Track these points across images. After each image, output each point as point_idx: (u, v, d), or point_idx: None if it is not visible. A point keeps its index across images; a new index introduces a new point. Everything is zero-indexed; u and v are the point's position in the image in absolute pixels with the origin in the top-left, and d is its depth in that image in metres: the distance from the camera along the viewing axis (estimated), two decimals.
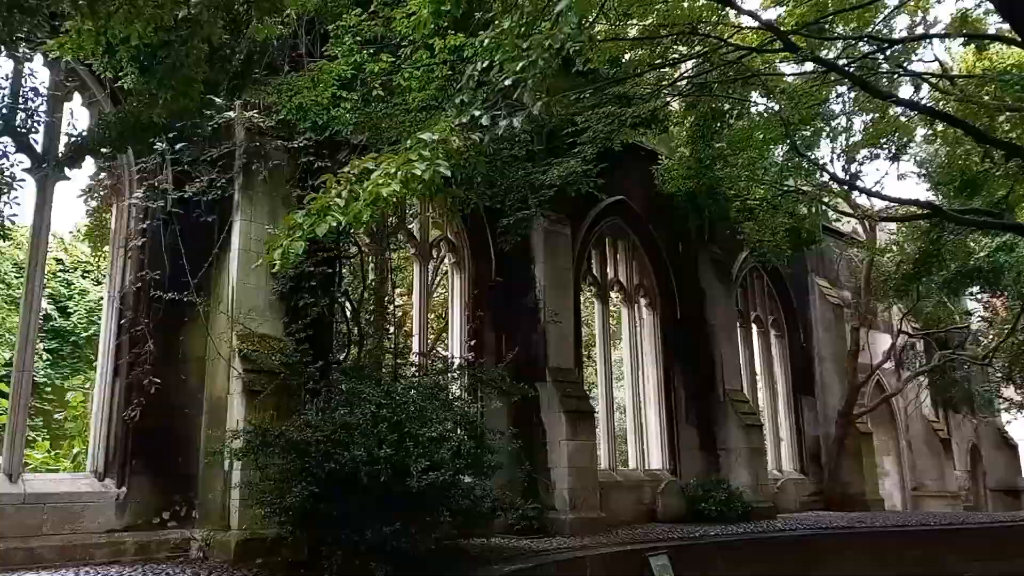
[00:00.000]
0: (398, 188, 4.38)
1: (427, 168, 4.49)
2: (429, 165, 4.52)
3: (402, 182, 4.43)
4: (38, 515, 7.76)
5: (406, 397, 7.47)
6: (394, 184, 4.36)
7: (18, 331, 8.29)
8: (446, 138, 4.67)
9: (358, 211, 4.37)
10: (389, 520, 6.86)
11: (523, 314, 11.93)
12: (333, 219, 4.39)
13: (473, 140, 4.94)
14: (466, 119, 5.08)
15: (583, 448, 11.44)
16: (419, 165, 4.48)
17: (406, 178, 4.42)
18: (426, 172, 4.47)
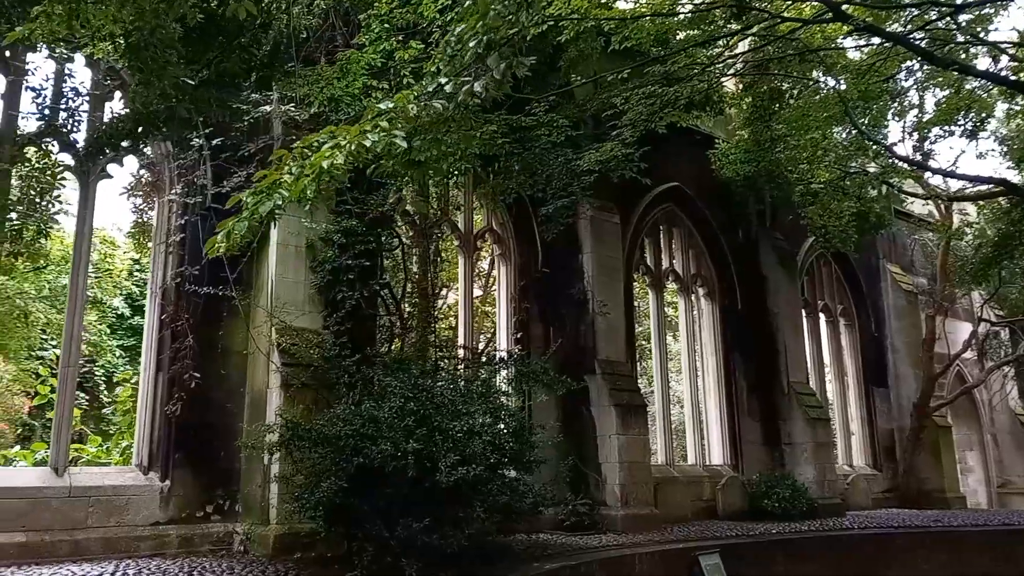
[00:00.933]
0: (342, 161, 4.16)
1: (381, 139, 4.26)
2: (385, 135, 4.30)
3: (351, 154, 4.21)
4: (83, 508, 7.89)
5: (436, 390, 7.28)
6: (339, 156, 4.15)
7: (64, 328, 8.46)
8: (404, 107, 4.44)
9: (302, 188, 4.17)
10: (419, 515, 6.70)
11: (571, 305, 11.66)
12: (279, 197, 4.21)
13: (436, 108, 4.69)
14: (433, 87, 4.85)
15: (634, 442, 11.10)
16: (372, 135, 4.27)
17: (355, 150, 4.20)
18: (379, 143, 4.24)
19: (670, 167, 13.64)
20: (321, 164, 4.09)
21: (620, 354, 11.69)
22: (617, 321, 11.75)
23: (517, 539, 8.90)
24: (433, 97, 4.70)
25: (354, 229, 8.87)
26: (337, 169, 4.13)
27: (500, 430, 7.98)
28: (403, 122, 4.46)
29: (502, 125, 8.76)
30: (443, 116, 4.90)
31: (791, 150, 12.64)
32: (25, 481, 7.84)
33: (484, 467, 7.10)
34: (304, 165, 4.14)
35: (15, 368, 18.72)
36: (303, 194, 4.14)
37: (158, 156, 9.04)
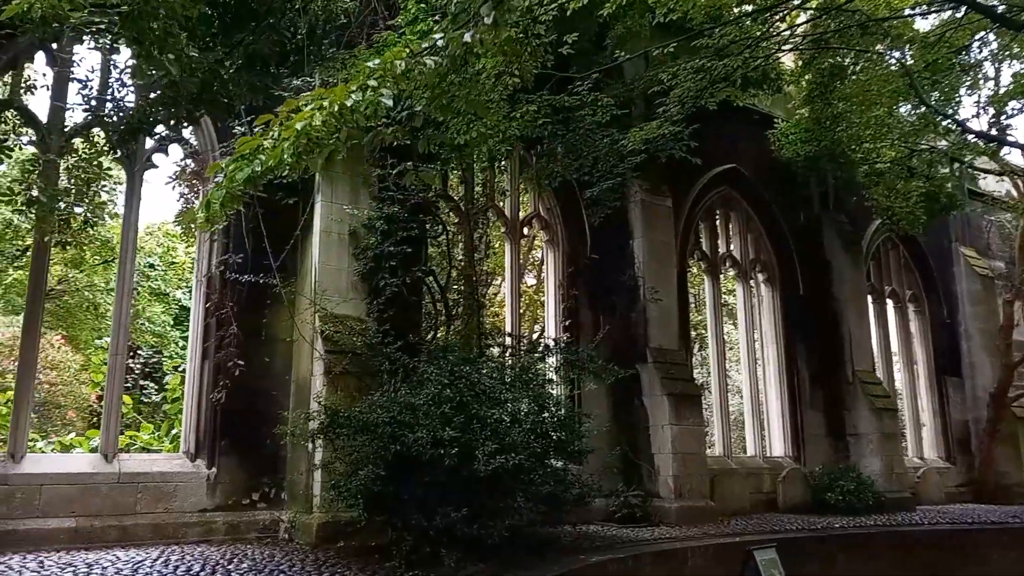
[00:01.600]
0: (320, 123, 3.95)
1: (366, 98, 4.04)
2: (372, 94, 4.09)
3: (333, 115, 3.99)
4: (132, 494, 7.99)
5: (473, 377, 7.11)
6: (317, 118, 3.94)
7: (112, 316, 8.57)
8: (391, 64, 4.21)
9: (280, 152, 3.98)
10: (458, 505, 6.55)
11: (621, 292, 11.36)
12: (259, 163, 4.04)
13: (427, 65, 4.46)
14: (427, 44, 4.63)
15: (688, 433, 10.75)
16: (355, 95, 4.05)
17: (337, 111, 3.99)
18: (362, 103, 4.03)
19: (727, 148, 13.20)
20: (295, 126, 3.91)
21: (673, 342, 11.33)
22: (670, 308, 11.40)
23: (564, 531, 8.66)
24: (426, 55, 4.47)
25: (396, 215, 8.75)
26: (315, 131, 3.94)
27: (544, 418, 7.78)
28: (391, 81, 4.26)
29: (544, 106, 8.52)
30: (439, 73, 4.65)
31: (854, 128, 12.04)
32: (76, 467, 7.97)
33: (525, 456, 6.91)
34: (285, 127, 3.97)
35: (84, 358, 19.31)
36: (281, 158, 3.98)
37: (202, 144, 9.08)
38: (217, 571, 6.26)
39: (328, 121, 3.96)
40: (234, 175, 3.95)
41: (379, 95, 4.05)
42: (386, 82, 4.12)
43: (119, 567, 6.33)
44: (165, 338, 20.75)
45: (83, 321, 20.53)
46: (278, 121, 3.99)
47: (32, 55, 8.22)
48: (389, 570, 6.44)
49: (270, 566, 6.53)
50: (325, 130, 3.99)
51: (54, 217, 7.83)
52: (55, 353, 15.82)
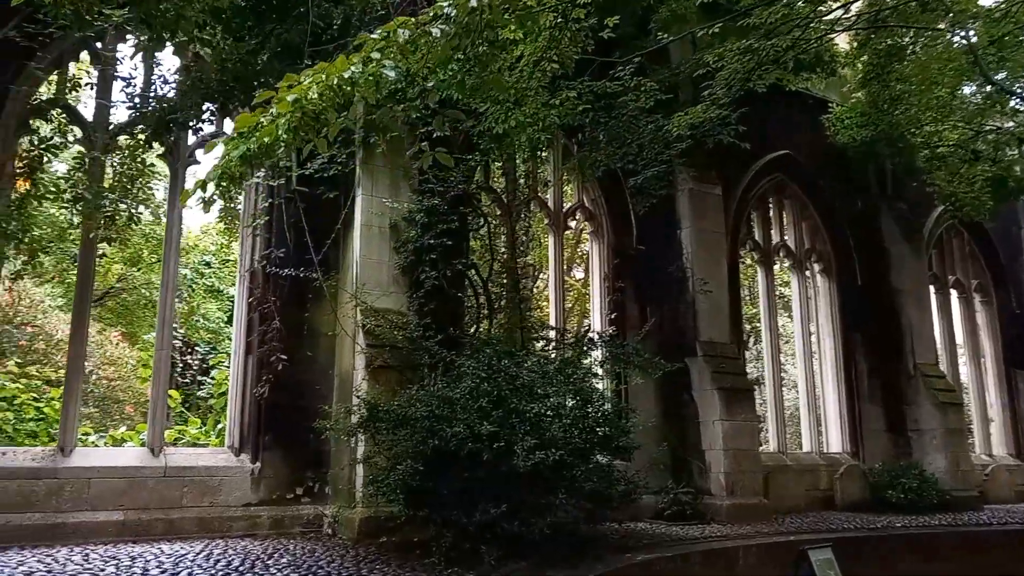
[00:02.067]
0: (316, 96, 3.76)
1: (364, 70, 3.86)
2: (374, 66, 3.90)
3: (330, 88, 3.81)
4: (178, 488, 8.05)
5: (511, 371, 6.94)
6: (314, 90, 3.75)
7: (157, 312, 8.65)
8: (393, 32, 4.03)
9: (274, 129, 3.81)
10: (498, 501, 6.41)
11: (669, 284, 11.08)
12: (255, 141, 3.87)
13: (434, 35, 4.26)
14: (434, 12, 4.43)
15: (740, 428, 10.43)
16: (354, 67, 3.87)
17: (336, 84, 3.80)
18: (360, 75, 3.84)
19: (779, 134, 12.80)
20: (287, 99, 3.75)
21: (724, 335, 11.01)
22: (720, 300, 11.08)
23: (610, 528, 8.49)
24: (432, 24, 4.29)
25: (436, 208, 8.64)
26: (310, 104, 3.77)
27: (588, 413, 7.58)
28: (396, 52, 4.10)
29: (585, 93, 8.31)
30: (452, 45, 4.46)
31: (913, 110, 11.51)
32: (124, 461, 8.07)
33: (566, 451, 6.73)
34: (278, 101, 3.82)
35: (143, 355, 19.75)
36: (275, 135, 3.82)
37: None
38: (256, 566, 6.24)
39: (326, 94, 3.80)
40: (229, 153, 3.82)
41: (381, 67, 3.89)
42: (390, 54, 3.95)
43: (161, 561, 6.35)
44: (220, 334, 21.10)
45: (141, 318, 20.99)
46: (278, 98, 3.85)
47: (77, 54, 8.34)
48: (428, 567, 6.34)
49: (309, 561, 6.48)
50: (323, 104, 3.82)
51: (100, 214, 7.93)
52: (113, 349, 16.16)
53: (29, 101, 8.01)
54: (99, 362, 15.65)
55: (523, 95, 7.69)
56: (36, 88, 8.07)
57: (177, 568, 6.03)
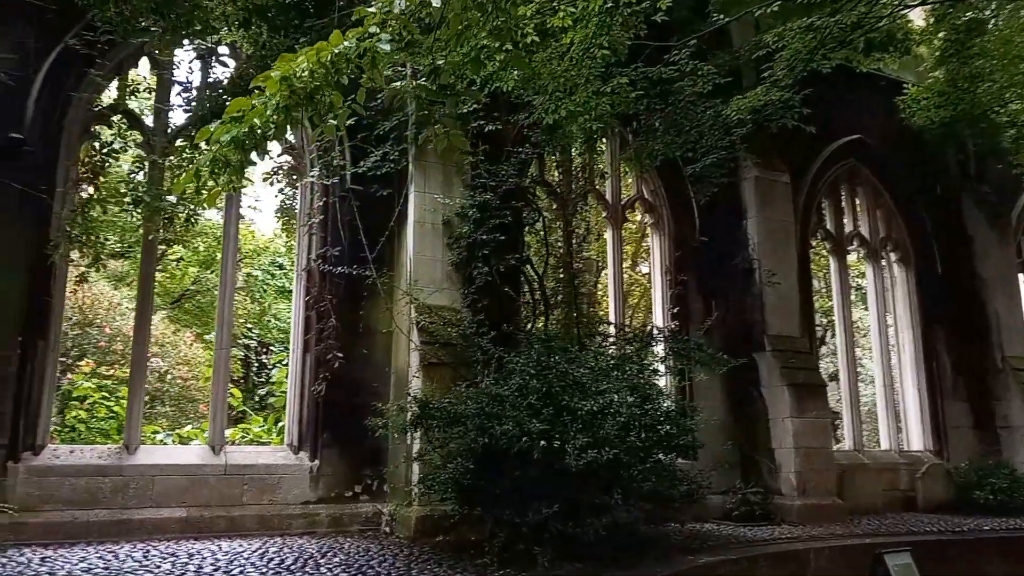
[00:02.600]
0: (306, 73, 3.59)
1: (357, 46, 3.67)
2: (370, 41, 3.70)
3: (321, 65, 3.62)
4: (239, 485, 8.13)
5: (561, 367, 6.75)
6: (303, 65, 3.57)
7: (216, 312, 8.77)
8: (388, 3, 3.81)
9: (261, 110, 3.66)
10: (551, 501, 6.24)
11: (734, 276, 10.70)
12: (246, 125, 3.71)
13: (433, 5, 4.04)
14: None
15: (812, 426, 10.00)
16: (348, 42, 3.68)
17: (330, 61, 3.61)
18: (353, 50, 3.64)
19: (850, 119, 12.25)
20: (274, 76, 3.60)
21: (793, 328, 10.58)
22: (789, 292, 10.64)
23: (673, 529, 8.21)
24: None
25: (488, 203, 8.52)
26: (300, 81, 3.62)
27: (647, 410, 7.33)
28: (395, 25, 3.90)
29: (640, 79, 8.06)
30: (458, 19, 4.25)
31: (996, 87, 10.82)
32: (186, 459, 8.20)
33: (622, 450, 6.50)
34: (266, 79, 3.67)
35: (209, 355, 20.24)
36: (264, 116, 3.68)
37: (298, 139, 9.15)
38: (308, 564, 6.22)
39: (317, 71, 3.66)
40: (218, 138, 3.72)
41: (376, 41, 3.72)
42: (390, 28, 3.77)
43: (217, 558, 6.40)
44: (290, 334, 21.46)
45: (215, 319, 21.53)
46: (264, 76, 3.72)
47: (136, 61, 8.51)
48: (480, 568, 6.21)
49: (361, 560, 6.44)
50: (315, 82, 3.67)
51: (160, 216, 8.07)
52: (187, 350, 16.58)
53: (91, 107, 8.21)
54: (174, 362, 16.07)
55: (573, 83, 7.50)
56: (98, 95, 8.27)
57: (231, 566, 6.06)
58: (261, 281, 21.65)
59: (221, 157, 3.62)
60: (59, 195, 7.86)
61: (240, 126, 3.60)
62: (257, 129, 3.60)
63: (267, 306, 20.99)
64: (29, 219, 7.72)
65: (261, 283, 21.68)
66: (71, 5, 7.42)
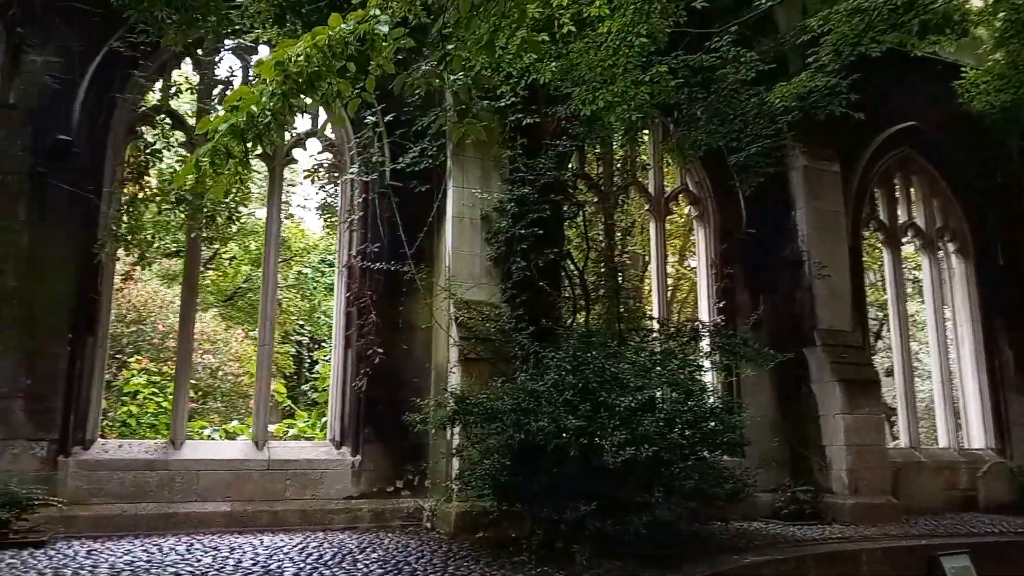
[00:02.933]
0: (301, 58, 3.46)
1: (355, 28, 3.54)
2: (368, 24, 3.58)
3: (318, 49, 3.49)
4: (281, 480, 8.21)
5: (598, 362, 6.62)
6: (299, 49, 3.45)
7: (259, 308, 8.86)
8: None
9: (256, 96, 3.56)
10: (589, 498, 6.14)
11: (783, 269, 10.42)
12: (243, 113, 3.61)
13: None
14: None
15: (864, 423, 9.68)
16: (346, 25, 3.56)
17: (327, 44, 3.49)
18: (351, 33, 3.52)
19: (904, 105, 11.82)
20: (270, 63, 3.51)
21: (845, 322, 10.25)
22: (840, 285, 10.32)
23: (718, 527, 8.03)
24: None
25: (526, 197, 8.43)
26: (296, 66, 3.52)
27: (690, 407, 7.17)
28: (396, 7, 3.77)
29: (680, 68, 7.87)
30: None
31: None
32: (230, 454, 8.30)
33: (662, 447, 6.36)
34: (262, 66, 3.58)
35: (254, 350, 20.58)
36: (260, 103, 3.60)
37: (339, 137, 9.19)
38: (345, 560, 6.23)
39: (314, 56, 3.57)
40: (216, 127, 3.67)
41: (376, 23, 3.61)
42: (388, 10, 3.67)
43: (257, 553, 6.46)
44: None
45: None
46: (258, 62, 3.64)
47: (179, 62, 8.63)
48: (517, 565, 6.13)
49: (399, 556, 6.42)
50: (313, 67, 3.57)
51: (201, 215, 8.18)
52: (238, 346, 16.87)
53: (135, 109, 8.36)
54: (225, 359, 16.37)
55: (611, 73, 7.36)
56: (142, 96, 8.41)
57: (269, 561, 6.10)
58: (311, 278, 21.93)
59: (222, 147, 3.59)
60: (106, 195, 8.03)
61: (237, 114, 3.56)
62: (256, 117, 3.55)
63: (317, 303, 21.26)
64: (77, 219, 7.91)
65: (311, 280, 21.97)
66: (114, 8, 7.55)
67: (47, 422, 7.52)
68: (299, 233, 23.23)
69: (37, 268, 7.70)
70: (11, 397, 7.46)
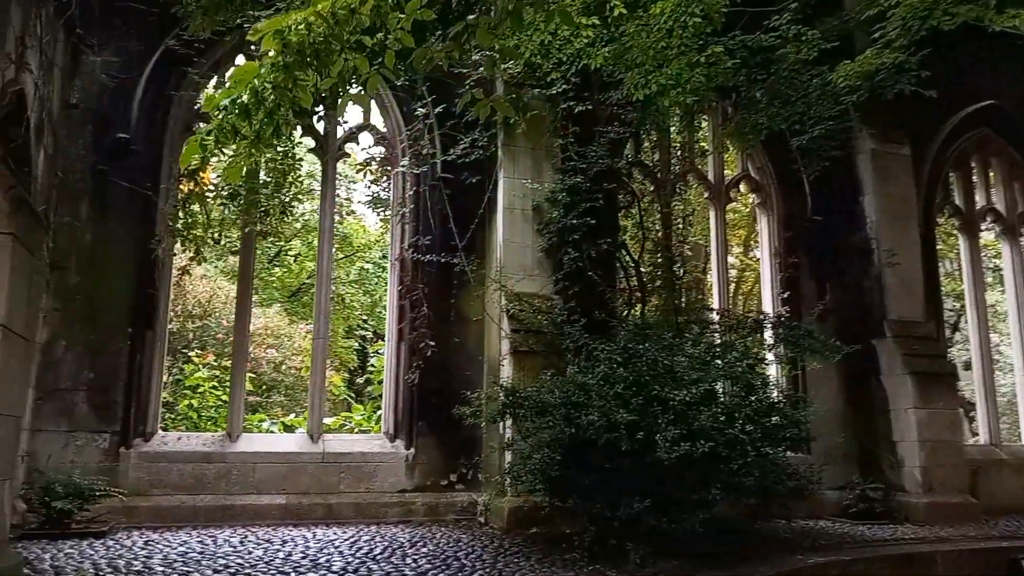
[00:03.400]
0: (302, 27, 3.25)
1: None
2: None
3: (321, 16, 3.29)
4: (336, 473, 8.22)
5: (650, 355, 6.40)
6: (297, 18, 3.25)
7: (314, 302, 8.90)
8: None
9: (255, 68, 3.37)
10: (643, 495, 5.94)
11: (850, 257, 10.00)
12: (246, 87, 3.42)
13: None
14: None
15: (938, 418, 9.22)
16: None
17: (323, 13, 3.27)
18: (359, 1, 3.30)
19: (982, 83, 11.21)
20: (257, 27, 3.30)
21: (917, 313, 9.77)
22: (911, 274, 9.84)
23: (781, 526, 7.74)
24: None
25: (577, 186, 8.25)
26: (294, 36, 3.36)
27: (751, 401, 6.90)
28: None
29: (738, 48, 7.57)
30: None
31: None
32: (285, 447, 8.36)
33: (720, 442, 6.12)
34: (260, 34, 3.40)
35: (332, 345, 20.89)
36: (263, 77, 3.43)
37: (390, 130, 9.16)
38: (395, 554, 6.17)
39: (315, 24, 3.38)
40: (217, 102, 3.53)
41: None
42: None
43: (309, 546, 6.46)
44: None
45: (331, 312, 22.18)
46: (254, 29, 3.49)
47: (233, 59, 8.70)
48: (568, 562, 5.98)
49: (449, 552, 6.33)
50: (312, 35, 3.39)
51: (255, 209, 8.24)
52: (301, 341, 17.12)
53: (192, 106, 8.47)
54: (288, 353, 16.62)
55: (664, 56, 7.12)
56: (198, 93, 8.51)
57: (319, 554, 6.09)
58: (372, 274, 22.13)
59: (227, 126, 3.48)
60: (163, 191, 8.17)
61: (238, 88, 3.45)
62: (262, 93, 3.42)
63: (379, 298, 21.43)
64: (136, 216, 8.05)
65: (373, 276, 22.17)
66: (168, 7, 7.66)
67: (109, 415, 7.69)
68: (360, 229, 23.48)
69: (98, 264, 7.87)
70: (75, 390, 7.64)
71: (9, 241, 4.09)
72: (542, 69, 7.89)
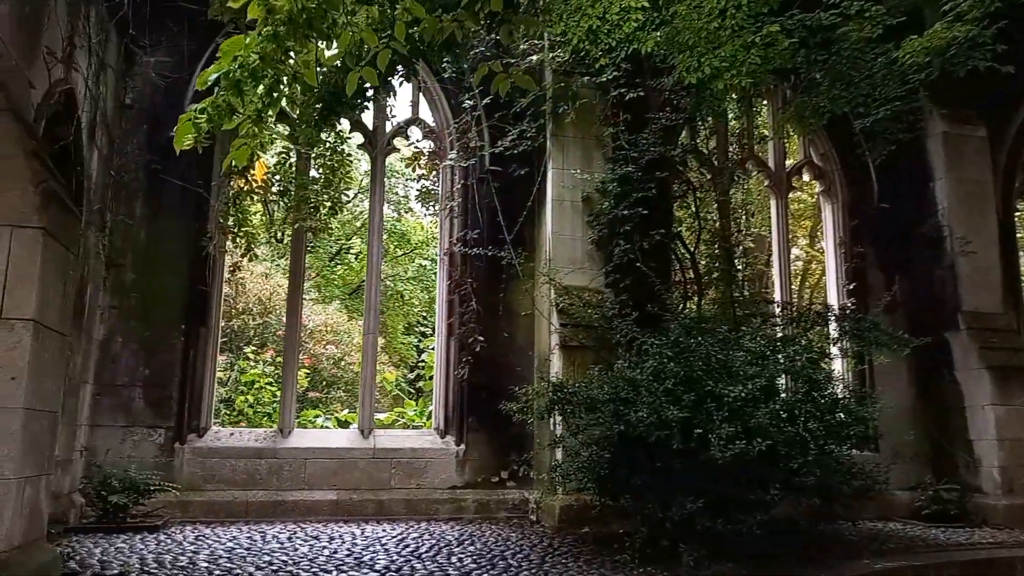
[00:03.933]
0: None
1: None
2: None
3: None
4: (387, 469, 8.18)
5: (702, 349, 6.12)
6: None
7: (364, 297, 8.86)
8: None
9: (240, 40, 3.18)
10: (697, 495, 5.69)
11: (920, 246, 9.50)
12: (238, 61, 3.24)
13: None
14: None
15: (1019, 415, 8.70)
16: None
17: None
18: None
19: None
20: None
21: (994, 304, 9.22)
22: (988, 262, 9.29)
23: (846, 528, 7.39)
24: None
25: (629, 176, 8.00)
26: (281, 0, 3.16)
27: (813, 397, 6.56)
28: None
29: (796, 28, 7.21)
30: None
31: None
32: (335, 443, 8.35)
33: (779, 441, 5.82)
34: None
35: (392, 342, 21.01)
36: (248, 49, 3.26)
37: (439, 124, 9.06)
38: (441, 552, 6.07)
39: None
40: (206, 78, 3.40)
41: None
42: None
43: (355, 542, 6.40)
44: None
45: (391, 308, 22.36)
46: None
47: None
48: (618, 565, 5.77)
49: (496, 551, 6.20)
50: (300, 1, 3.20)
51: (305, 205, 8.24)
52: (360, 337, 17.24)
53: None
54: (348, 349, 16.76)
55: (716, 37, 6.81)
56: None
57: (364, 552, 6.02)
58: (429, 270, 22.21)
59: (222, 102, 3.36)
60: (214, 189, 8.23)
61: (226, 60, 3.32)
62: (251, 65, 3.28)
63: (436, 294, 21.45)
64: (188, 214, 8.14)
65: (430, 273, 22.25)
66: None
67: (164, 410, 7.79)
68: (418, 226, 23.57)
69: (152, 262, 7.98)
70: (131, 386, 7.77)
71: (40, 235, 4.10)
72: (591, 55, 7.64)
